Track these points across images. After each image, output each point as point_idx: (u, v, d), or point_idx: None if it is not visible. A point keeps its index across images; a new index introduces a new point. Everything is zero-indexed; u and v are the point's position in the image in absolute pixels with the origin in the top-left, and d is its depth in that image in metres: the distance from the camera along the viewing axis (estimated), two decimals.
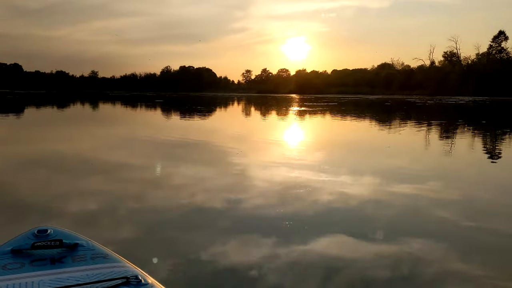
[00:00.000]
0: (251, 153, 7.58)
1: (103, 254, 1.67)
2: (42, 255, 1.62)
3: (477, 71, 67.37)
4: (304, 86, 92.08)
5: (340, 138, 10.57)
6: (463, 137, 11.04)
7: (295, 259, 2.76)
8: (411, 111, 24.86)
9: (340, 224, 3.48)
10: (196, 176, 5.34)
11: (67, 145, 8.40)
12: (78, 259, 1.62)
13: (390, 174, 5.65)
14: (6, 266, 1.52)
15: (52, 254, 1.63)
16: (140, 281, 1.45)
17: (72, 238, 1.75)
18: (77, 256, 1.64)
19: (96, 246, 1.73)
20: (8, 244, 1.69)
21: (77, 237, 1.79)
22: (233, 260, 2.75)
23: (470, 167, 6.59)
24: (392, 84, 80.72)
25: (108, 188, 4.68)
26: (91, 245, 1.73)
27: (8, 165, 6.06)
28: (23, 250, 1.64)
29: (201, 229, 3.33)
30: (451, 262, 2.73)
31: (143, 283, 1.44)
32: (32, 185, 4.82)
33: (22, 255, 1.62)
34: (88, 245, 1.73)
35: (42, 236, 1.75)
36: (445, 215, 3.80)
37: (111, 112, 21.99)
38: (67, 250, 1.67)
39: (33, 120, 15.52)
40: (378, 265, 2.65)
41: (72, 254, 1.65)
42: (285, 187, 4.70)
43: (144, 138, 9.64)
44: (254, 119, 17.99)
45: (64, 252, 1.66)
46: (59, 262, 1.58)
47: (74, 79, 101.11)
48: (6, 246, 1.67)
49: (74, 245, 1.70)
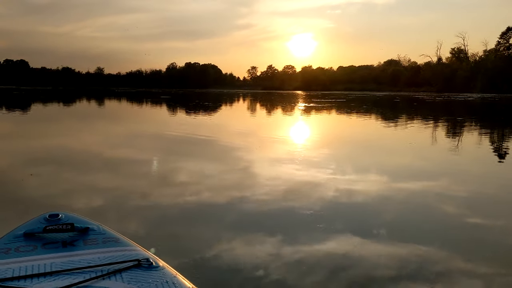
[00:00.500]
0: (269, 148, 7.49)
1: (114, 238, 1.67)
2: (54, 239, 1.63)
3: (485, 67, 66.71)
4: (310, 82, 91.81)
5: (359, 135, 10.38)
6: (486, 134, 10.82)
7: (315, 253, 2.74)
8: (422, 107, 24.59)
9: (369, 223, 3.36)
10: (222, 171, 5.29)
11: (81, 140, 8.33)
12: (89, 242, 1.62)
13: (418, 171, 5.48)
14: (18, 249, 1.54)
15: (63, 238, 1.64)
16: (151, 264, 1.45)
17: (83, 223, 1.75)
18: (88, 240, 1.64)
19: (107, 231, 1.73)
20: (21, 228, 1.71)
21: (88, 221, 1.79)
22: (243, 250, 2.80)
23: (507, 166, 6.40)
24: (399, 81, 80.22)
25: (128, 182, 4.64)
26: (102, 229, 1.73)
27: (22, 160, 6.03)
28: (35, 234, 1.65)
29: (214, 221, 3.39)
30: (459, 260, 2.67)
31: (154, 265, 1.45)
32: (43, 179, 4.80)
33: (34, 238, 1.63)
34: (99, 229, 1.73)
35: (54, 220, 1.76)
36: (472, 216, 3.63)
37: (122, 109, 21.90)
38: (79, 234, 1.68)
39: (44, 116, 15.45)
40: (386, 262, 2.60)
41: (84, 237, 1.66)
42: (309, 183, 4.60)
43: (160, 134, 9.55)
44: (267, 115, 17.81)
45: (75, 235, 1.67)
46: (71, 245, 1.59)
47: (80, 75, 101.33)
48: (19, 230, 1.69)
49: (85, 229, 1.70)
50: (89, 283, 1.31)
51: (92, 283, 1.32)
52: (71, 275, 1.37)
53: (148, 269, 1.43)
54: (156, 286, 1.33)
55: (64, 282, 1.31)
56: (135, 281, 1.35)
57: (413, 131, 11.01)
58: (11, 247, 1.57)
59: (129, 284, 1.32)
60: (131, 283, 1.33)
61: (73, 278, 1.34)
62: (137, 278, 1.36)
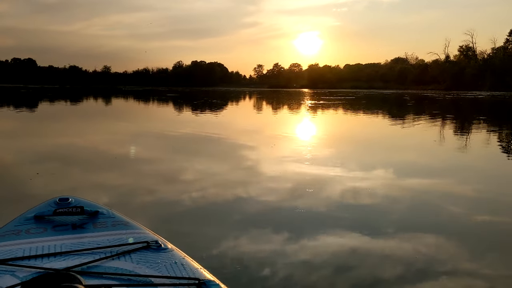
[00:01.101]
0: (286, 146, 7.48)
1: (123, 222, 1.68)
2: (64, 221, 1.65)
3: (494, 65, 66.24)
4: (317, 80, 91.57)
5: (380, 133, 10.32)
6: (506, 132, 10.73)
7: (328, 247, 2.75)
8: (434, 105, 24.45)
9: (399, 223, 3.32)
10: (243, 166, 5.32)
11: (99, 139, 8.30)
12: (99, 225, 1.64)
13: (450, 169, 5.43)
14: (29, 231, 1.56)
15: (73, 221, 1.66)
16: (160, 246, 1.46)
17: (93, 207, 1.76)
18: (98, 223, 1.65)
19: (116, 214, 1.74)
20: (31, 211, 1.72)
21: (98, 205, 1.80)
22: (261, 239, 2.91)
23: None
24: (406, 79, 79.87)
25: (151, 179, 4.62)
26: (111, 213, 1.75)
27: (34, 155, 6.06)
28: (46, 217, 1.67)
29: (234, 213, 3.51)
30: (465, 259, 2.64)
31: (163, 247, 1.46)
32: (53, 174, 4.85)
33: (44, 221, 1.65)
34: (108, 213, 1.74)
35: (64, 204, 1.77)
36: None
37: (134, 107, 21.90)
38: (88, 217, 1.69)
39: (55, 114, 15.48)
40: (392, 260, 2.59)
41: (93, 221, 1.67)
42: (335, 181, 4.58)
43: (178, 132, 9.52)
44: (281, 113, 17.74)
45: (85, 219, 1.68)
46: (80, 228, 1.61)
47: (87, 74, 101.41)
48: (29, 213, 1.71)
49: (95, 212, 1.71)
50: (99, 263, 1.32)
51: (102, 263, 1.32)
52: (81, 255, 1.37)
53: (157, 251, 1.43)
54: (165, 267, 1.32)
55: (74, 262, 1.31)
56: (144, 261, 1.35)
57: (434, 129, 10.93)
58: (22, 229, 1.59)
59: (138, 265, 1.32)
60: (140, 263, 1.33)
61: (83, 258, 1.34)
62: (146, 259, 1.37)
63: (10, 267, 1.27)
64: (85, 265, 1.29)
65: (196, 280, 1.22)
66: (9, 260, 1.31)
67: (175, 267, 1.33)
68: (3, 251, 1.40)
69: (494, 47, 74.05)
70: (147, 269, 1.30)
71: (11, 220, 1.67)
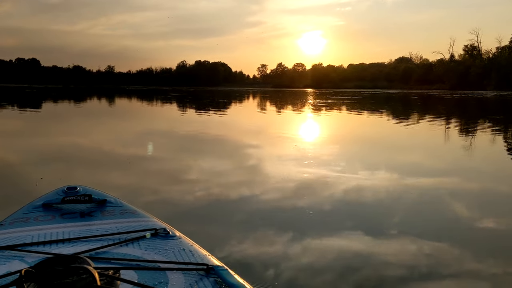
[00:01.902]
0: (308, 147, 7.38)
1: (131, 210, 1.69)
2: (72, 209, 1.67)
3: (499, 64, 65.92)
4: (321, 80, 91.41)
5: (400, 134, 10.17)
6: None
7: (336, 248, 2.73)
8: (446, 104, 24.26)
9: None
10: (269, 165, 5.22)
11: (116, 139, 8.20)
12: (107, 213, 1.65)
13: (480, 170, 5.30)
14: (38, 218, 1.58)
15: (81, 209, 1.67)
16: (168, 233, 1.47)
17: (101, 195, 1.77)
18: (106, 211, 1.67)
19: (124, 203, 1.75)
20: (40, 199, 1.73)
21: (106, 194, 1.81)
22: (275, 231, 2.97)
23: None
24: (411, 78, 79.61)
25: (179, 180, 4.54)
26: (119, 202, 1.75)
27: (45, 158, 5.91)
28: (54, 204, 1.68)
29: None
30: (470, 262, 2.57)
31: (171, 235, 1.46)
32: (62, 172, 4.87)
33: (53, 209, 1.67)
34: (116, 202, 1.75)
35: (72, 192, 1.78)
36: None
37: (142, 107, 21.81)
38: (96, 205, 1.70)
39: (62, 114, 15.40)
40: (395, 263, 2.53)
41: (101, 209, 1.68)
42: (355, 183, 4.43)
43: (190, 132, 9.42)
44: (293, 113, 17.59)
45: (93, 207, 1.69)
46: (89, 215, 1.62)
47: (91, 74, 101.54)
48: (38, 201, 1.72)
49: (103, 201, 1.72)
50: (107, 249, 1.33)
51: (110, 249, 1.33)
52: (89, 242, 1.38)
53: (165, 238, 1.44)
54: (173, 253, 1.32)
55: (82, 248, 1.32)
56: (152, 248, 1.36)
57: (454, 129, 10.79)
58: (30, 216, 1.60)
59: (146, 251, 1.33)
60: (148, 250, 1.34)
61: (91, 245, 1.35)
62: (154, 246, 1.37)
63: (19, 253, 1.29)
64: (93, 251, 1.30)
65: (205, 266, 1.21)
66: (18, 246, 1.33)
67: (183, 253, 1.33)
68: (12, 237, 1.41)
69: (500, 46, 73.78)
70: (156, 255, 1.30)
71: (19, 208, 1.67)
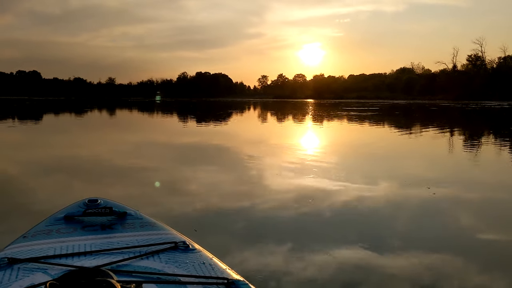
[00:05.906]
0: (329, 157, 7.15)
1: (151, 223, 1.70)
2: (93, 222, 1.69)
3: (504, 74, 65.76)
4: (322, 91, 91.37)
5: (437, 146, 9.56)
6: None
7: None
8: (470, 116, 23.67)
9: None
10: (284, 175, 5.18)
11: (127, 152, 7.61)
12: (127, 226, 1.65)
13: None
14: (60, 230, 1.61)
15: (102, 221, 1.69)
16: (188, 247, 1.47)
17: (121, 208, 1.78)
18: (126, 224, 1.67)
19: (144, 216, 1.76)
20: (61, 212, 1.75)
21: (126, 207, 1.81)
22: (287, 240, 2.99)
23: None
24: (413, 89, 79.42)
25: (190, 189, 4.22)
26: (139, 214, 1.77)
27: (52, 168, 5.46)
28: (75, 217, 1.70)
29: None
30: (473, 275, 2.53)
31: (191, 248, 1.47)
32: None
33: (74, 221, 1.69)
34: (136, 214, 1.76)
35: (93, 205, 1.80)
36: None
37: (146, 119, 21.20)
38: (117, 218, 1.72)
39: (63, 126, 14.81)
40: (397, 275, 2.49)
41: (122, 221, 1.69)
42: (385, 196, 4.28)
43: (201, 143, 8.80)
44: (309, 127, 16.96)
45: (113, 219, 1.71)
46: (109, 228, 1.64)
47: (92, 86, 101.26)
48: (59, 214, 1.74)
49: (123, 213, 1.74)
50: (128, 262, 1.34)
51: (131, 262, 1.34)
52: (110, 254, 1.40)
53: (185, 251, 1.45)
54: (193, 267, 1.33)
55: (104, 261, 1.33)
56: (173, 261, 1.37)
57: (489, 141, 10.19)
58: (52, 228, 1.62)
59: (166, 264, 1.34)
60: (169, 263, 1.35)
61: (112, 257, 1.37)
62: (174, 259, 1.38)
63: (42, 265, 1.30)
64: (114, 264, 1.31)
65: (225, 280, 1.21)
66: (41, 258, 1.35)
67: (203, 267, 1.34)
68: (34, 250, 1.43)
69: (502, 56, 73.72)
70: (176, 268, 1.32)
71: (42, 220, 1.66)
